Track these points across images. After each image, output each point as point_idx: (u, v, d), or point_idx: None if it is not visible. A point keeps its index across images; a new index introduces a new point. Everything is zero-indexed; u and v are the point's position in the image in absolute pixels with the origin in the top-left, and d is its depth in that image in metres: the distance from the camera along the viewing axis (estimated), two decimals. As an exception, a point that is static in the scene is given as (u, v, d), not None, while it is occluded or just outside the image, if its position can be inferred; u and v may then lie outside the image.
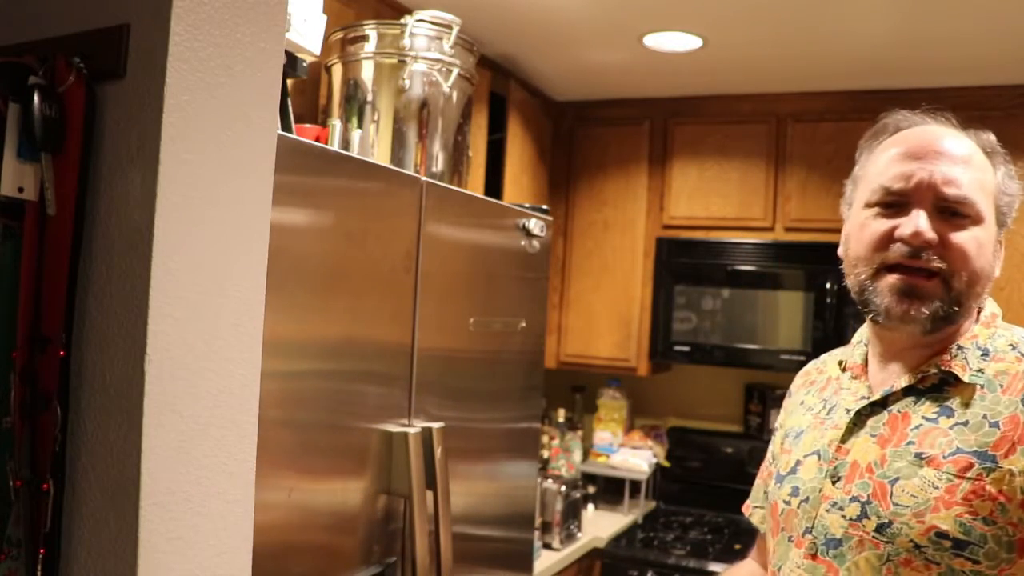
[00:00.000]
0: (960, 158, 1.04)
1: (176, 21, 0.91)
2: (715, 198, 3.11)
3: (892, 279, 1.03)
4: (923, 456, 0.99)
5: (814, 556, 1.05)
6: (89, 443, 0.94)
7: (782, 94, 3.02)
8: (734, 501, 3.19)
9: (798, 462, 1.14)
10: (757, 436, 3.22)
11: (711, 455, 3.28)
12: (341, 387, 1.37)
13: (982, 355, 1.04)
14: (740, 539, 2.93)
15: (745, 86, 3.03)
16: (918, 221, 1.01)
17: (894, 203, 1.05)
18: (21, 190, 0.93)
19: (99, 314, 0.94)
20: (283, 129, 1.28)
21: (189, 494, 0.96)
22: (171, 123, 0.91)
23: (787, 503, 1.12)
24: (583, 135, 3.30)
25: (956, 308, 1.03)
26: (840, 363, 1.21)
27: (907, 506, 0.98)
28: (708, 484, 3.28)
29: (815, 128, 2.96)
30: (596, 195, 3.25)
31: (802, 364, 3.12)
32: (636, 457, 3.20)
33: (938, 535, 0.95)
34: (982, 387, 1.01)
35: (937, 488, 0.97)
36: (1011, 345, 1.04)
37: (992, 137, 1.10)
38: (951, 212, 1.02)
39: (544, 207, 2.07)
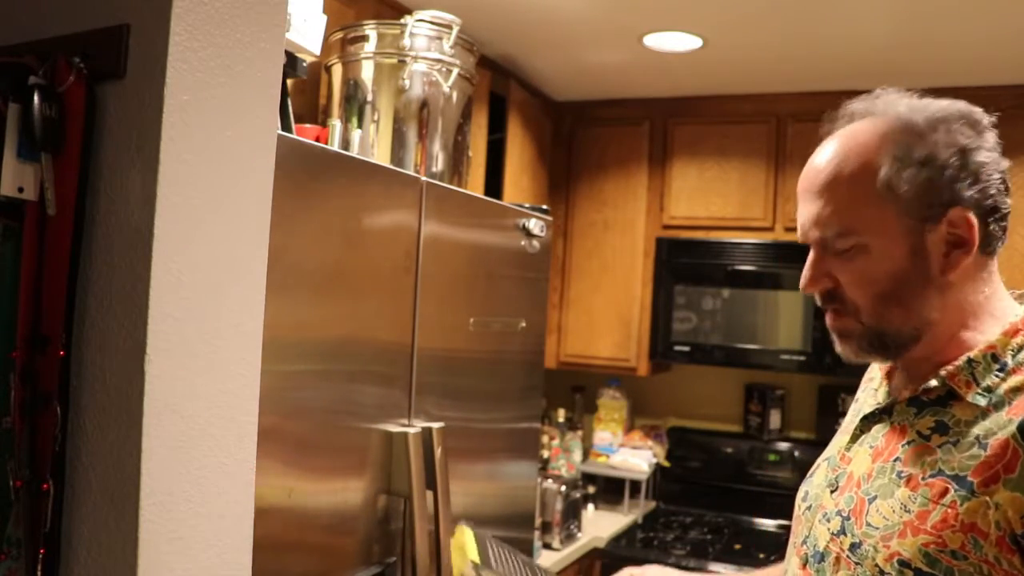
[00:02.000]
0: (822, 186, 0.96)
1: (176, 21, 0.91)
2: (715, 198, 3.11)
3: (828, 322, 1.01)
4: (903, 475, 0.91)
5: (804, 566, 1.00)
6: (89, 443, 0.94)
7: (782, 94, 3.02)
8: (734, 501, 3.23)
9: (818, 465, 1.10)
10: (757, 436, 3.22)
11: (711, 455, 3.28)
12: (341, 387, 1.37)
13: (999, 369, 0.91)
14: (740, 539, 2.93)
15: (745, 86, 3.03)
16: (804, 272, 0.99)
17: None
18: (21, 190, 0.93)
19: (99, 314, 0.94)
20: (283, 129, 1.28)
21: (189, 494, 0.96)
22: (171, 123, 0.91)
23: (798, 507, 1.08)
24: (583, 135, 3.30)
25: (885, 336, 0.95)
26: None
27: (877, 528, 0.90)
28: (708, 484, 3.27)
29: (815, 128, 2.96)
30: (596, 195, 3.25)
31: (802, 364, 3.11)
32: (636, 457, 3.20)
33: (901, 563, 0.87)
34: (989, 405, 0.89)
35: (909, 512, 0.88)
36: None
37: (902, 110, 0.95)
38: (835, 248, 0.96)
39: (544, 207, 2.07)
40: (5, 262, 0.94)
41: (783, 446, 3.17)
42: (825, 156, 0.98)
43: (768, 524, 3.06)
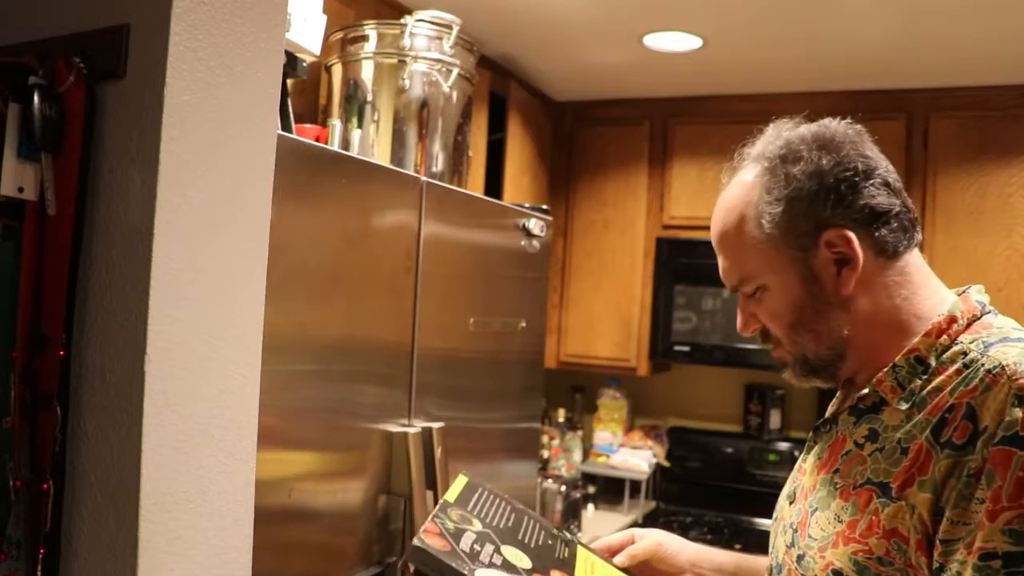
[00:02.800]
0: (718, 244, 1.04)
1: (176, 21, 0.91)
2: (715, 198, 3.08)
3: None
4: (838, 486, 0.93)
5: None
6: (89, 443, 0.94)
7: (782, 94, 3.02)
8: (734, 501, 3.23)
9: (789, 475, 1.13)
10: (757, 436, 3.22)
11: (711, 455, 3.28)
12: (341, 387, 1.37)
13: (923, 372, 0.91)
14: (739, 539, 2.93)
15: (745, 86, 3.03)
16: (737, 318, 1.05)
17: None
18: (21, 190, 0.93)
19: (99, 314, 0.94)
20: (283, 129, 1.28)
21: (189, 494, 0.96)
22: (171, 123, 0.91)
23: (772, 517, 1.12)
24: (583, 135, 3.30)
25: (808, 360, 0.99)
26: None
27: (816, 539, 0.93)
28: (708, 484, 3.27)
29: (815, 128, 2.96)
30: (596, 195, 3.25)
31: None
32: (636, 457, 3.20)
33: (835, 572, 0.88)
34: (912, 408, 0.90)
35: (841, 522, 0.90)
36: (963, 352, 0.89)
37: (763, 151, 1.02)
38: (746, 293, 1.02)
39: (544, 207, 2.07)
40: (5, 262, 0.94)
41: (783, 446, 3.17)
42: (715, 213, 1.07)
43: (768, 524, 3.05)
